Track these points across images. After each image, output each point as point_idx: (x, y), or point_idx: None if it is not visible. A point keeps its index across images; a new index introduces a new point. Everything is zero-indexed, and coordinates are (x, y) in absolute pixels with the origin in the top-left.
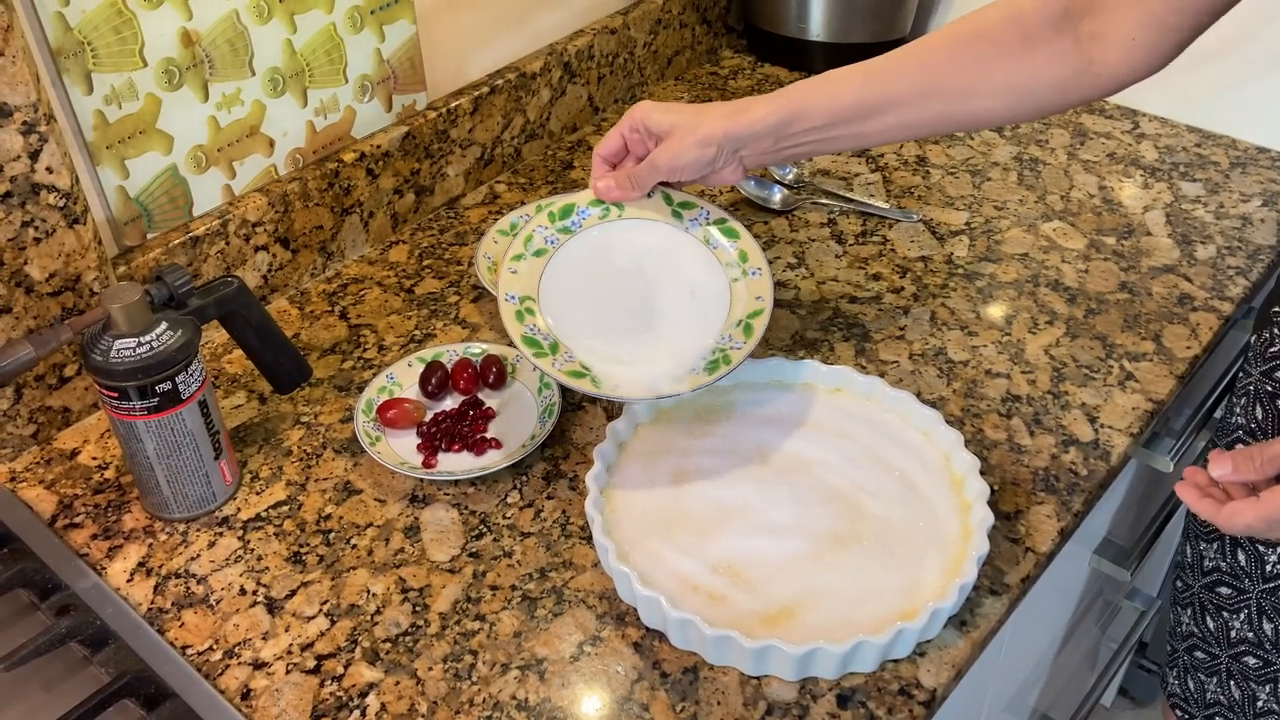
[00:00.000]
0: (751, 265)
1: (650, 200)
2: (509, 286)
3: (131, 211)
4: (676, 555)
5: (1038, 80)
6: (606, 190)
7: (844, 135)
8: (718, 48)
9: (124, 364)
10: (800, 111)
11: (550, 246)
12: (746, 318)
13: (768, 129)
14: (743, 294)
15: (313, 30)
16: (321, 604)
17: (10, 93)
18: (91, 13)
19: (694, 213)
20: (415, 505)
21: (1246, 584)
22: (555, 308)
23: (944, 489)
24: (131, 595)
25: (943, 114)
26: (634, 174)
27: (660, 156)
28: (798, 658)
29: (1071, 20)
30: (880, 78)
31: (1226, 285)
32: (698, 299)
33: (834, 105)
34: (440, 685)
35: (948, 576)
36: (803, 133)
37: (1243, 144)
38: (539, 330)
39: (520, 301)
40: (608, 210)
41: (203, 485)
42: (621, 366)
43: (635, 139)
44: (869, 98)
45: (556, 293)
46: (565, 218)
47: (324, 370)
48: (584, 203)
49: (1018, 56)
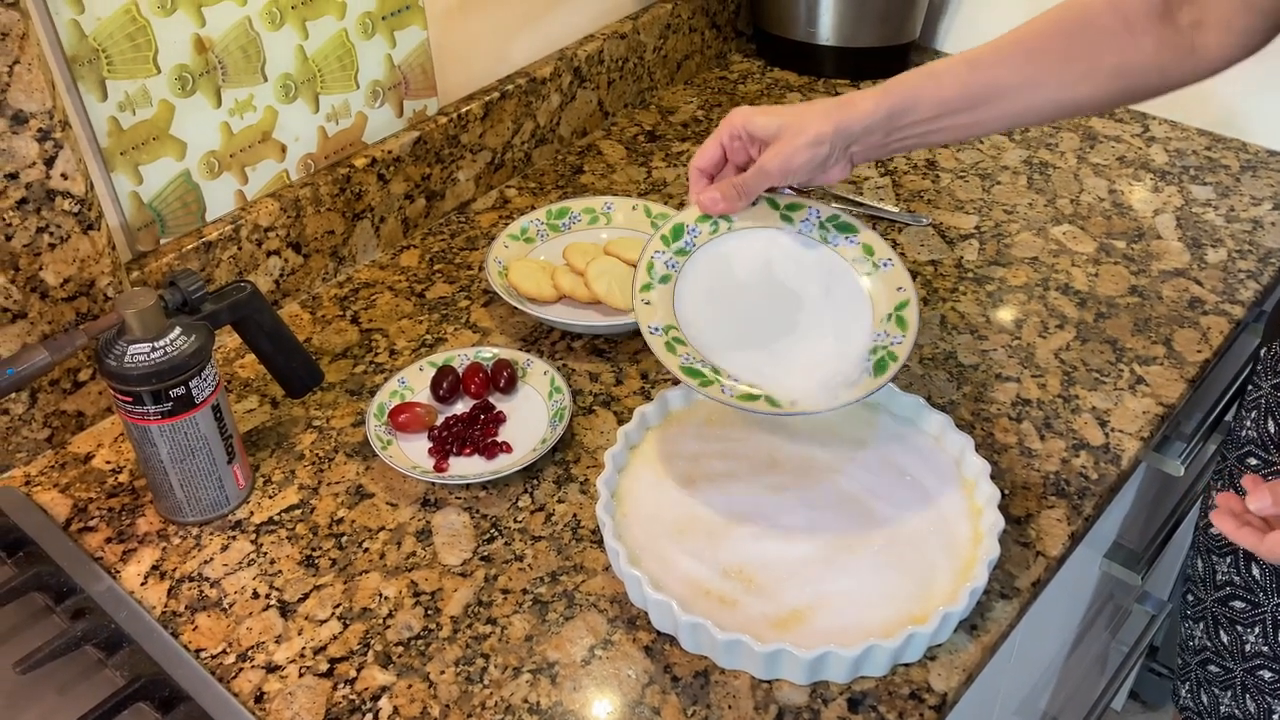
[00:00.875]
0: (880, 257)
1: (757, 208)
2: (649, 318)
3: (145, 217)
4: (687, 559)
5: (1144, 66)
6: (713, 203)
7: (952, 126)
8: (727, 52)
9: (138, 369)
10: (908, 103)
11: (673, 271)
12: (895, 310)
13: (878, 122)
14: (880, 287)
15: (325, 36)
16: (334, 607)
17: (26, 100)
18: (106, 20)
19: (804, 214)
20: (427, 509)
21: (1262, 598)
22: (697, 333)
23: (955, 493)
24: (145, 598)
25: (1050, 101)
26: (740, 183)
27: (771, 161)
28: (808, 662)
29: (1172, 8)
30: (987, 67)
31: (1237, 289)
32: (834, 300)
33: (941, 96)
34: (452, 688)
35: (958, 580)
36: (911, 124)
37: (1253, 147)
38: (694, 359)
39: (665, 332)
40: (716, 224)
41: (216, 489)
42: (786, 380)
43: (736, 146)
44: (976, 87)
45: (693, 317)
46: (678, 239)
47: (336, 374)
48: (692, 220)
49: (1123, 43)
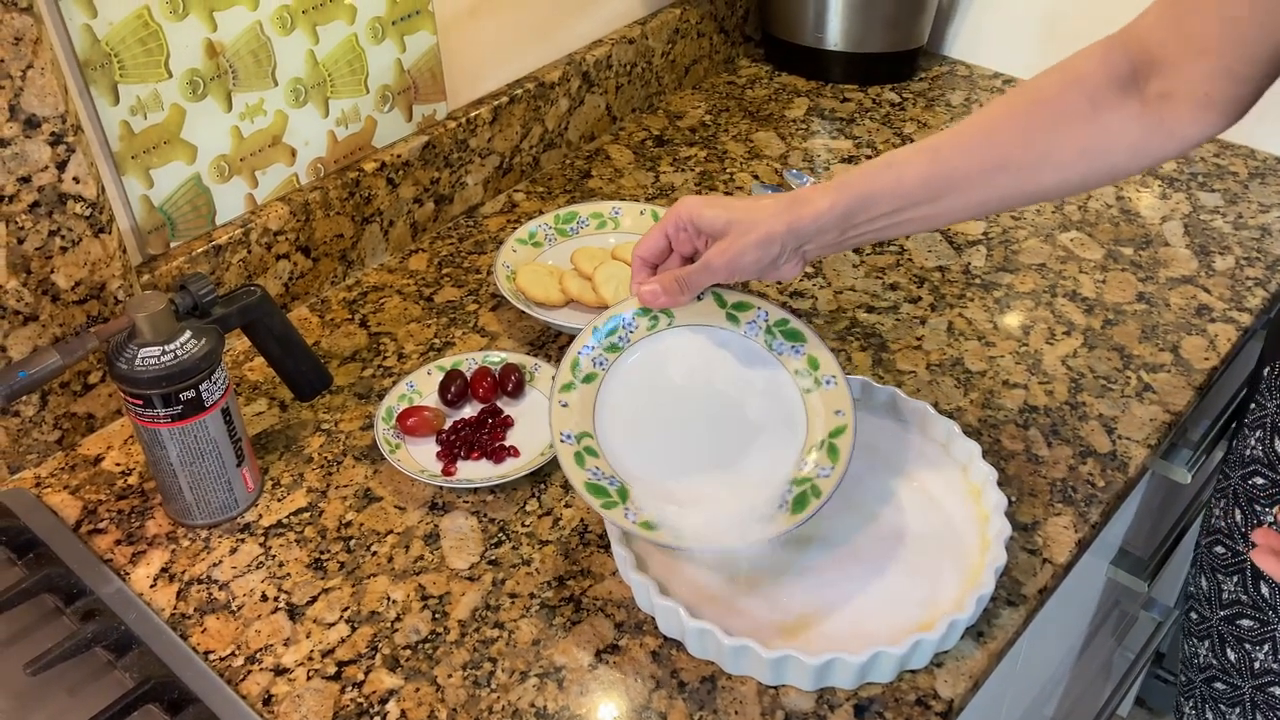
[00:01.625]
0: (824, 373)
1: (701, 304)
2: (562, 424)
3: (155, 220)
4: (694, 565)
5: (1109, 146)
6: (653, 296)
7: (913, 219)
8: (735, 57)
9: (149, 372)
10: (866, 200)
11: (600, 370)
12: (829, 437)
13: (832, 221)
14: (819, 407)
15: (335, 41)
16: (342, 610)
17: (39, 104)
18: (119, 25)
19: (750, 315)
20: (435, 513)
21: (1271, 616)
22: (614, 442)
23: (961, 500)
24: (155, 601)
25: (1013, 188)
26: (684, 277)
27: (717, 258)
28: (815, 668)
29: (1138, 80)
30: (946, 155)
31: (1245, 296)
32: (769, 416)
33: (900, 189)
34: (460, 692)
35: (965, 587)
36: (868, 220)
37: (1261, 154)
38: (602, 474)
39: (578, 440)
40: (656, 319)
41: (225, 492)
42: (698, 506)
43: (682, 238)
44: (936, 178)
45: (613, 422)
46: (611, 334)
47: (344, 378)
48: (629, 313)
49: (1086, 122)
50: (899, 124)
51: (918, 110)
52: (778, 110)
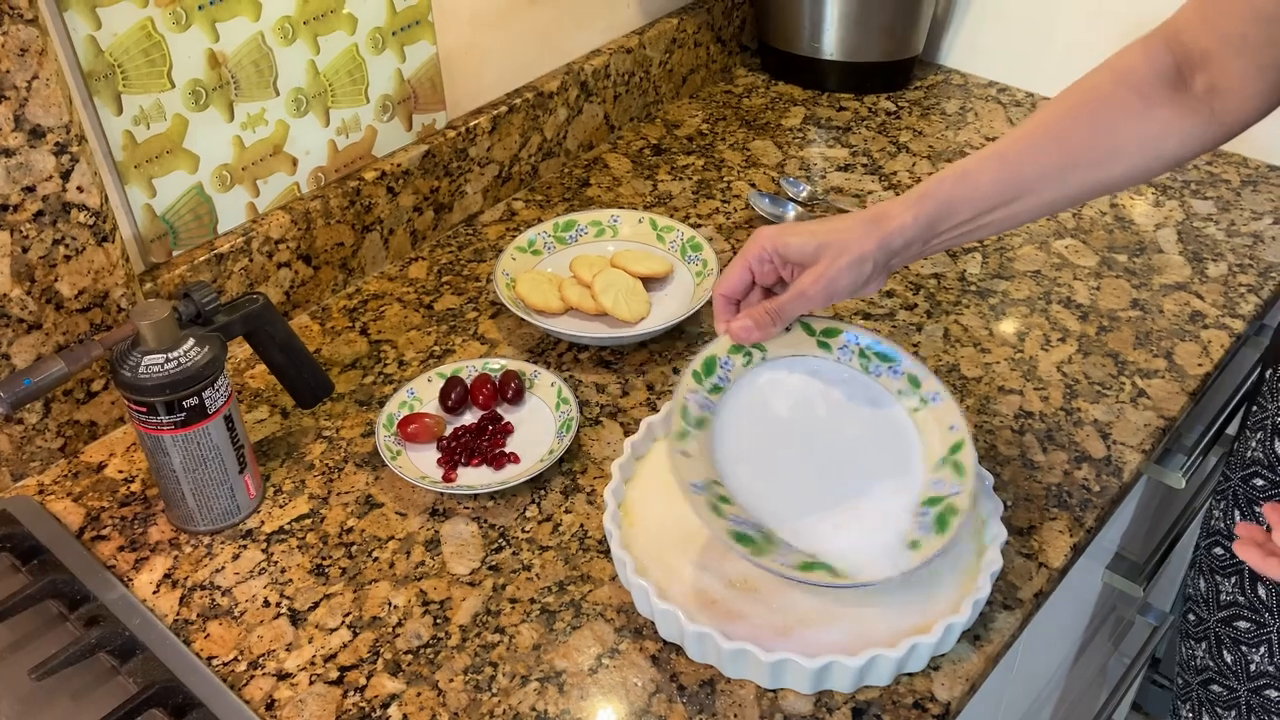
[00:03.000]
0: (927, 390)
1: (791, 334)
2: (689, 475)
3: (158, 229)
4: (693, 569)
5: (1166, 137)
6: (745, 332)
7: (989, 223)
8: (732, 66)
9: (152, 379)
10: (945, 210)
11: (708, 413)
12: (950, 454)
13: (918, 233)
14: (930, 425)
15: (335, 51)
16: (344, 616)
17: (44, 114)
18: (122, 36)
19: (840, 340)
20: (435, 519)
21: (1267, 618)
22: (740, 486)
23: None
24: (158, 606)
25: (1083, 185)
26: (775, 308)
27: (812, 286)
28: (813, 671)
29: (1184, 75)
30: (1016, 160)
31: (1238, 303)
32: (882, 441)
33: (976, 197)
34: (461, 696)
35: (961, 591)
36: (949, 229)
37: (1254, 162)
38: (743, 520)
39: (709, 489)
40: (750, 355)
41: (227, 498)
42: (841, 542)
43: (766, 269)
44: (1009, 182)
45: (734, 467)
46: (710, 374)
47: (345, 385)
48: (723, 352)
49: (1142, 115)
50: (895, 133)
51: (913, 119)
52: (774, 119)
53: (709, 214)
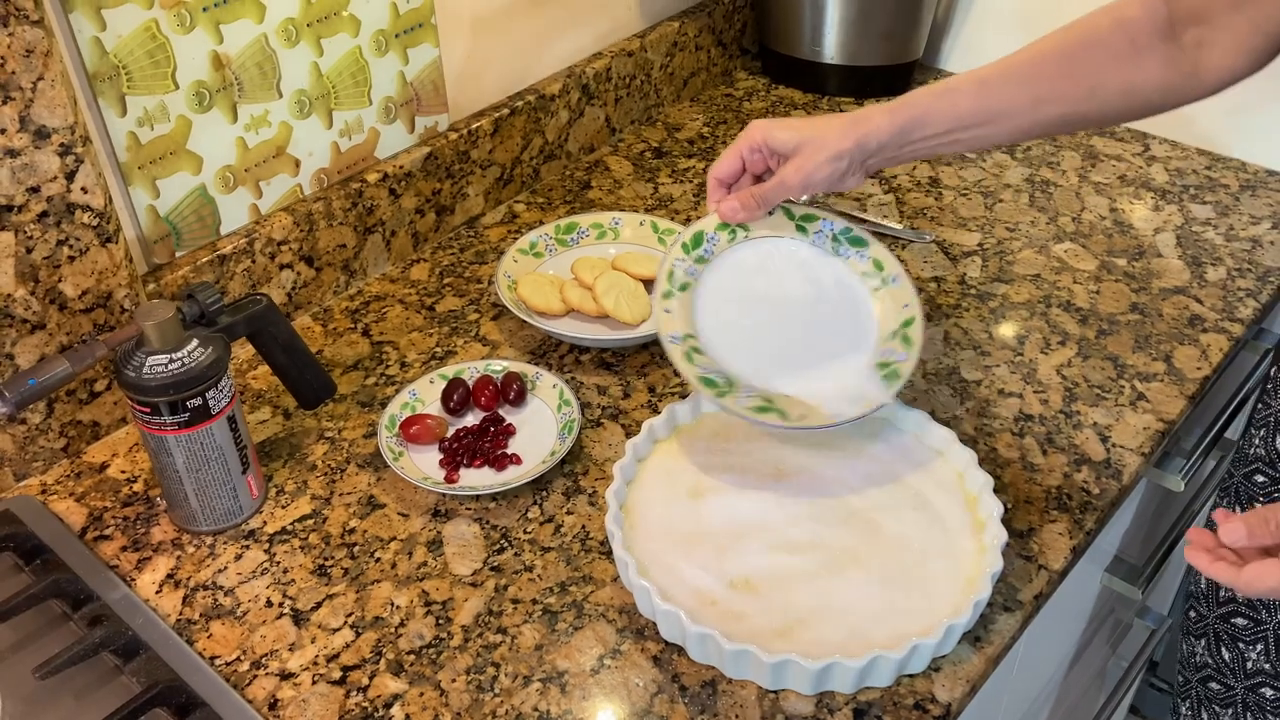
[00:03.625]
0: (889, 273)
1: (773, 218)
2: (669, 327)
3: (161, 230)
4: (695, 570)
5: (1146, 84)
6: (732, 211)
7: (963, 139)
8: (732, 70)
9: (156, 380)
10: (921, 119)
11: (692, 279)
12: (901, 328)
13: (892, 137)
14: (888, 302)
15: (339, 53)
16: (346, 616)
17: (49, 115)
18: (127, 38)
19: (817, 225)
20: (438, 519)
21: (1264, 615)
22: (713, 341)
23: (958, 507)
24: (160, 606)
25: (1057, 117)
26: (760, 193)
27: (792, 175)
28: (815, 672)
29: (1177, 28)
30: (997, 86)
31: (1237, 307)
32: (844, 313)
33: (954, 113)
34: (463, 696)
35: (961, 593)
36: (923, 138)
37: (1252, 167)
38: (710, 369)
39: (684, 341)
40: (735, 233)
41: (230, 499)
42: (796, 392)
43: (756, 159)
44: (986, 104)
45: (710, 326)
46: (698, 246)
47: (347, 386)
48: (711, 228)
49: (1127, 62)
50: None
51: None
52: None
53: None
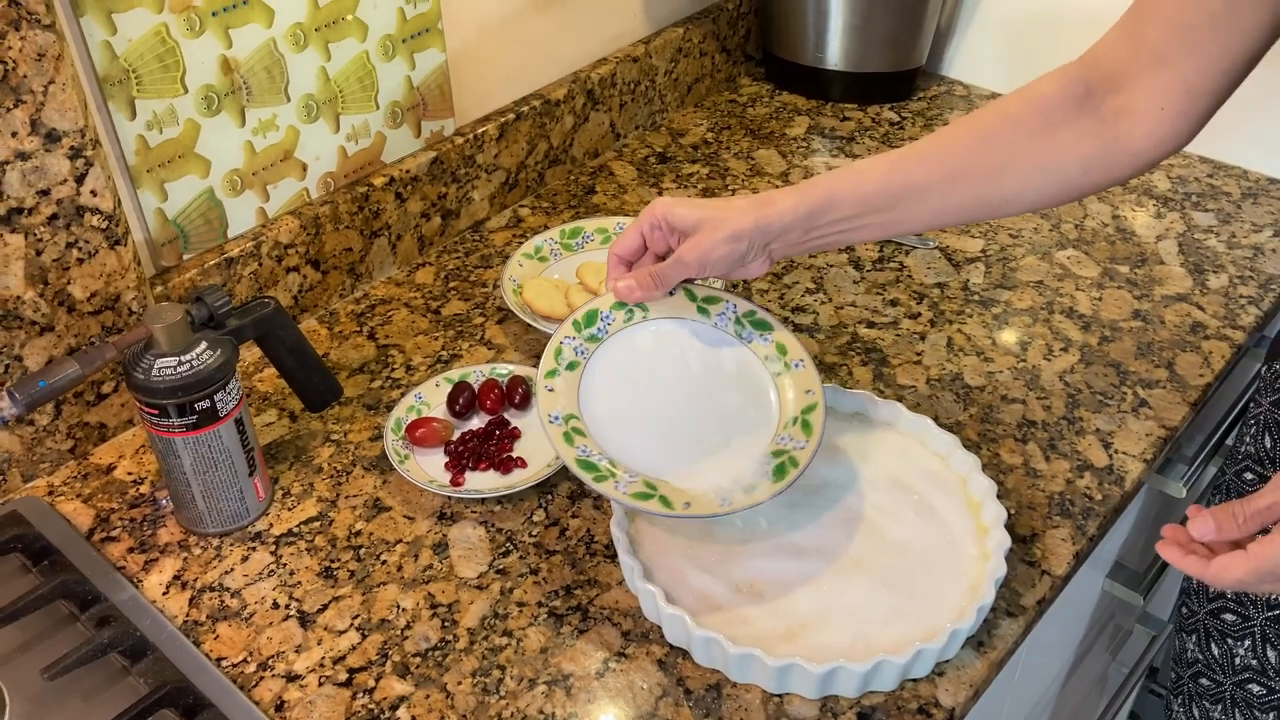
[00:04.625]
0: (792, 358)
1: (674, 298)
2: (549, 406)
3: (169, 233)
4: (700, 574)
5: (1064, 159)
6: (628, 291)
7: (872, 223)
8: (737, 75)
9: (165, 382)
10: (828, 202)
11: (581, 359)
12: (802, 414)
13: (797, 220)
14: (789, 388)
15: (346, 58)
16: (353, 618)
17: (60, 119)
18: (137, 42)
19: (720, 307)
20: (443, 522)
21: (1251, 611)
22: (599, 424)
23: (961, 512)
24: (167, 608)
25: (971, 198)
26: (658, 272)
27: (689, 253)
28: (819, 676)
29: (1094, 99)
30: (905, 164)
31: (1239, 314)
32: (743, 398)
33: (861, 193)
34: (469, 699)
35: (965, 598)
36: (831, 223)
37: (1254, 175)
38: (591, 452)
39: (565, 421)
40: (632, 313)
41: (237, 501)
42: (683, 481)
43: (656, 236)
44: (896, 183)
45: (597, 407)
46: (590, 325)
47: (353, 389)
48: (606, 307)
49: (1041, 135)
50: (898, 143)
51: (916, 129)
52: (779, 129)
53: None
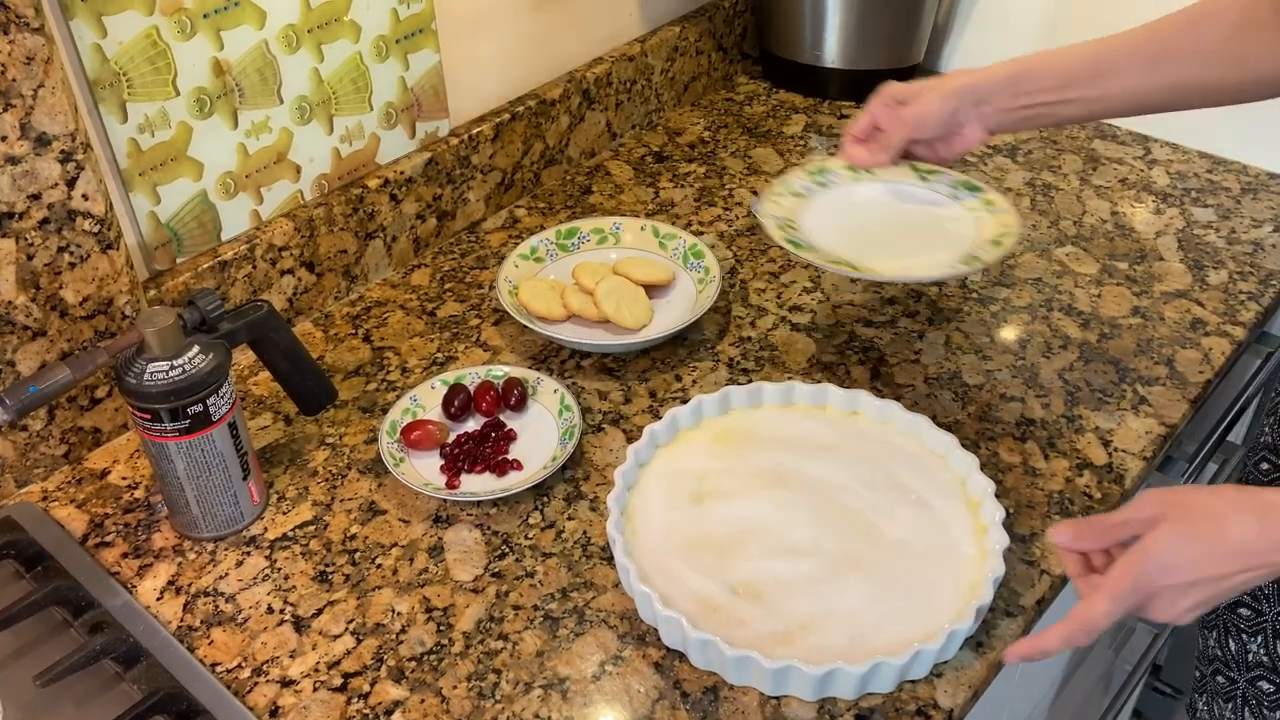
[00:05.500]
0: (998, 207)
1: (899, 169)
2: (772, 210)
3: (162, 236)
4: (696, 576)
5: (1262, 59)
6: (857, 155)
7: (1078, 98)
8: (733, 74)
9: (157, 386)
10: (1031, 70)
11: (806, 192)
12: (996, 237)
13: (1003, 82)
14: (989, 222)
15: (339, 59)
16: (348, 623)
17: (50, 122)
18: (128, 44)
19: (939, 175)
20: (439, 525)
21: (1265, 606)
22: (811, 230)
23: (960, 512)
24: (161, 613)
25: (1172, 82)
26: (884, 137)
27: (907, 112)
28: (817, 678)
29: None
30: (1108, 43)
31: (1238, 310)
32: (944, 229)
33: (1065, 64)
34: (465, 703)
35: (963, 599)
36: (1037, 90)
37: (1254, 170)
38: (801, 239)
39: (784, 225)
40: (859, 174)
41: (231, 505)
42: (881, 267)
43: (884, 111)
44: (1101, 61)
45: (812, 224)
46: (821, 174)
47: (348, 392)
48: (836, 167)
49: (1246, 33)
50: None
51: None
52: (776, 127)
53: (711, 221)
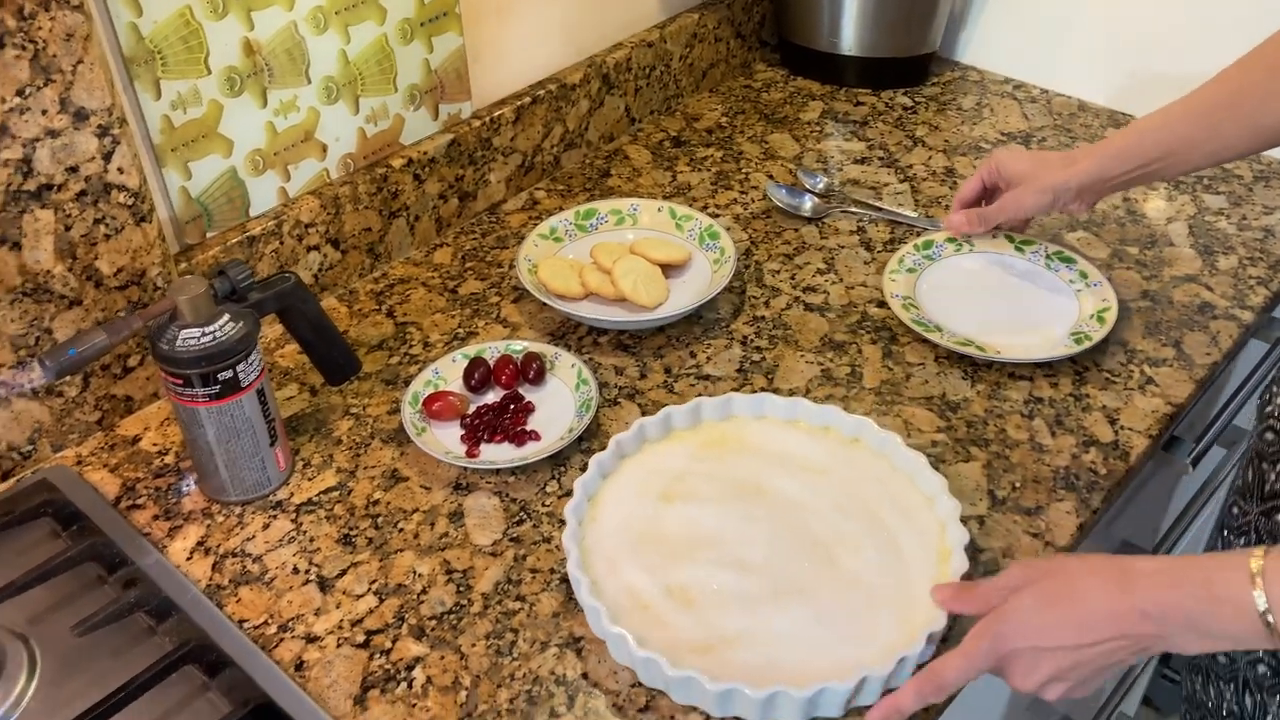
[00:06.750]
0: (1093, 280)
1: (996, 240)
2: (892, 289)
3: (193, 211)
4: (636, 571)
5: None
6: (957, 224)
7: (1156, 171)
8: (751, 61)
9: (189, 353)
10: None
11: (918, 267)
12: (1097, 312)
13: (1091, 180)
14: (1089, 297)
15: (365, 41)
16: (370, 583)
17: (88, 97)
18: (162, 24)
19: (1034, 247)
20: (459, 492)
21: None
22: (928, 304)
23: (928, 559)
24: (191, 572)
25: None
26: (983, 213)
27: (1007, 201)
28: (717, 694)
29: None
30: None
31: (1247, 295)
32: (1048, 303)
33: (1140, 152)
34: (483, 660)
35: (904, 639)
36: (1121, 174)
37: (1266, 158)
38: (924, 317)
39: (905, 301)
40: (960, 245)
41: (258, 470)
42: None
43: (993, 181)
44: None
45: (928, 298)
46: (928, 249)
47: (371, 365)
48: (941, 239)
49: None
50: (911, 127)
51: (930, 114)
52: (793, 113)
53: (727, 204)
